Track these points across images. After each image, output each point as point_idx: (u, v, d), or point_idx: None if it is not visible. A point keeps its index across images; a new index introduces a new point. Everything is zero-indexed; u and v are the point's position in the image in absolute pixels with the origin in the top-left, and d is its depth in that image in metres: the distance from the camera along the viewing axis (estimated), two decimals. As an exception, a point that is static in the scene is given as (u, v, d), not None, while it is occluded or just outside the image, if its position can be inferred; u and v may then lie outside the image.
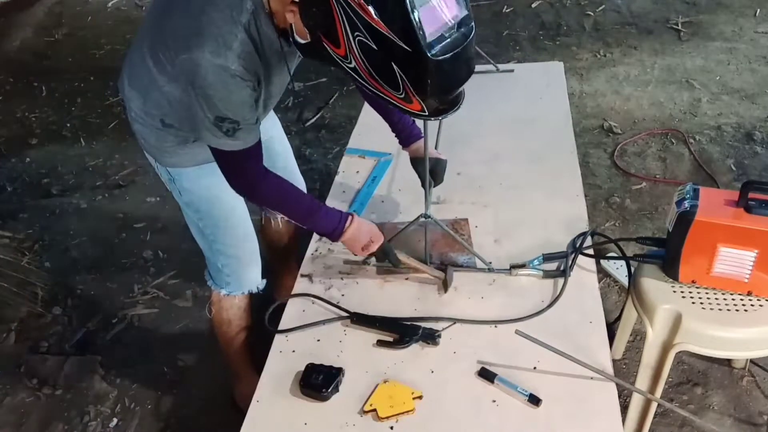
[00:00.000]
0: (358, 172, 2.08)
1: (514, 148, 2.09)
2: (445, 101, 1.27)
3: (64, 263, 2.84)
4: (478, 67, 2.66)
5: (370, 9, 1.08)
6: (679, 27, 4.08)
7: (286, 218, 1.58)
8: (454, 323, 1.49)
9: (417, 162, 1.75)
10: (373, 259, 1.66)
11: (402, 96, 1.20)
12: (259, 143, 1.44)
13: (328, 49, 1.21)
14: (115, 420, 2.14)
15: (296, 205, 1.54)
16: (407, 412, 1.30)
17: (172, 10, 1.37)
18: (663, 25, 4.15)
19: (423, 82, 1.16)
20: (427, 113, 1.25)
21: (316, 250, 1.77)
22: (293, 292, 1.65)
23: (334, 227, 1.54)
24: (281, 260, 2.26)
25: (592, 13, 4.39)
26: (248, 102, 1.36)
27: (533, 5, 4.59)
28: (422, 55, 1.11)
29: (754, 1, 4.25)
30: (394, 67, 1.15)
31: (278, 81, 1.49)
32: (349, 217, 1.56)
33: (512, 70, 2.54)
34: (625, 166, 2.96)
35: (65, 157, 3.65)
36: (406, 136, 1.78)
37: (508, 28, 4.36)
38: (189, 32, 1.29)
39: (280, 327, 1.56)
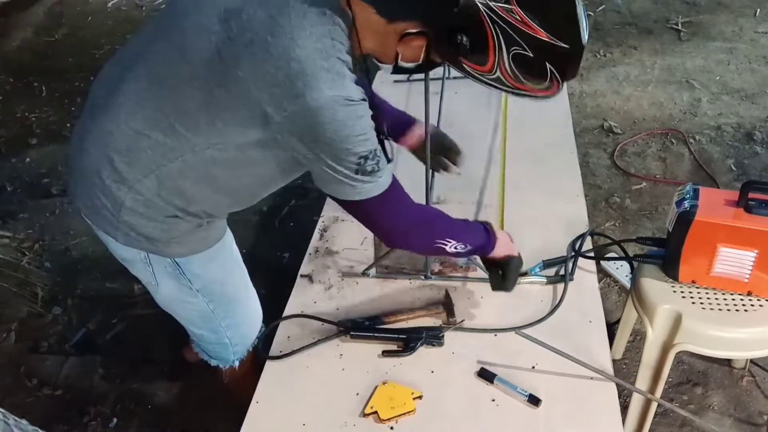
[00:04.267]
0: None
1: (514, 148, 2.09)
2: None
3: (64, 263, 2.84)
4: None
5: (535, 24, 1.05)
6: (679, 27, 4.08)
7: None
8: (454, 326, 1.48)
9: (419, 152, 1.59)
10: (372, 270, 1.64)
11: (545, 86, 1.18)
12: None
13: (467, 68, 1.15)
14: (115, 420, 2.14)
15: (454, 227, 1.38)
16: (408, 412, 1.30)
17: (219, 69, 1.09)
18: (663, 25, 4.15)
19: (573, 66, 1.14)
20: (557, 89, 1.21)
21: (316, 251, 1.77)
22: (284, 314, 1.60)
23: (487, 237, 1.42)
24: None
25: (592, 13, 4.38)
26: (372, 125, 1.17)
27: (533, 5, 4.59)
28: (579, 46, 1.09)
29: (754, 1, 4.25)
30: (548, 65, 1.12)
31: None
32: (491, 225, 1.45)
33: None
34: (625, 166, 2.96)
35: (65, 157, 3.64)
36: (399, 125, 1.62)
37: (508, 28, 4.36)
38: (287, 78, 1.05)
39: (273, 353, 1.49)
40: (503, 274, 1.45)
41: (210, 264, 1.40)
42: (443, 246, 1.33)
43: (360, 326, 1.49)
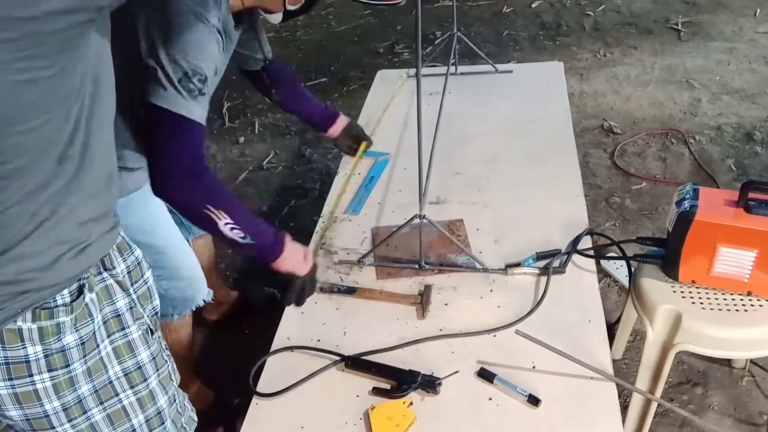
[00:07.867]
0: (358, 173, 2.07)
1: (514, 148, 2.09)
2: None
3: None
4: (477, 68, 2.68)
5: None
6: (679, 27, 4.08)
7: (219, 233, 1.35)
8: (458, 372, 1.38)
9: (339, 139, 2.01)
10: (368, 259, 1.64)
11: None
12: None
13: None
14: (114, 420, 2.14)
15: (239, 207, 1.36)
16: (412, 423, 1.29)
17: None
18: (663, 25, 4.15)
19: None
20: None
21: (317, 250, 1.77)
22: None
23: (273, 242, 1.42)
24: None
25: (592, 13, 4.39)
26: (217, 61, 1.27)
27: (533, 5, 4.59)
28: None
29: (754, 1, 4.25)
30: None
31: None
32: (287, 235, 1.45)
33: (511, 71, 2.54)
34: (625, 166, 2.96)
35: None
36: (324, 119, 1.84)
37: (508, 28, 4.36)
38: None
39: (267, 389, 1.40)
40: (287, 287, 1.48)
41: (124, 211, 1.39)
42: (214, 217, 1.30)
43: (358, 360, 1.42)
